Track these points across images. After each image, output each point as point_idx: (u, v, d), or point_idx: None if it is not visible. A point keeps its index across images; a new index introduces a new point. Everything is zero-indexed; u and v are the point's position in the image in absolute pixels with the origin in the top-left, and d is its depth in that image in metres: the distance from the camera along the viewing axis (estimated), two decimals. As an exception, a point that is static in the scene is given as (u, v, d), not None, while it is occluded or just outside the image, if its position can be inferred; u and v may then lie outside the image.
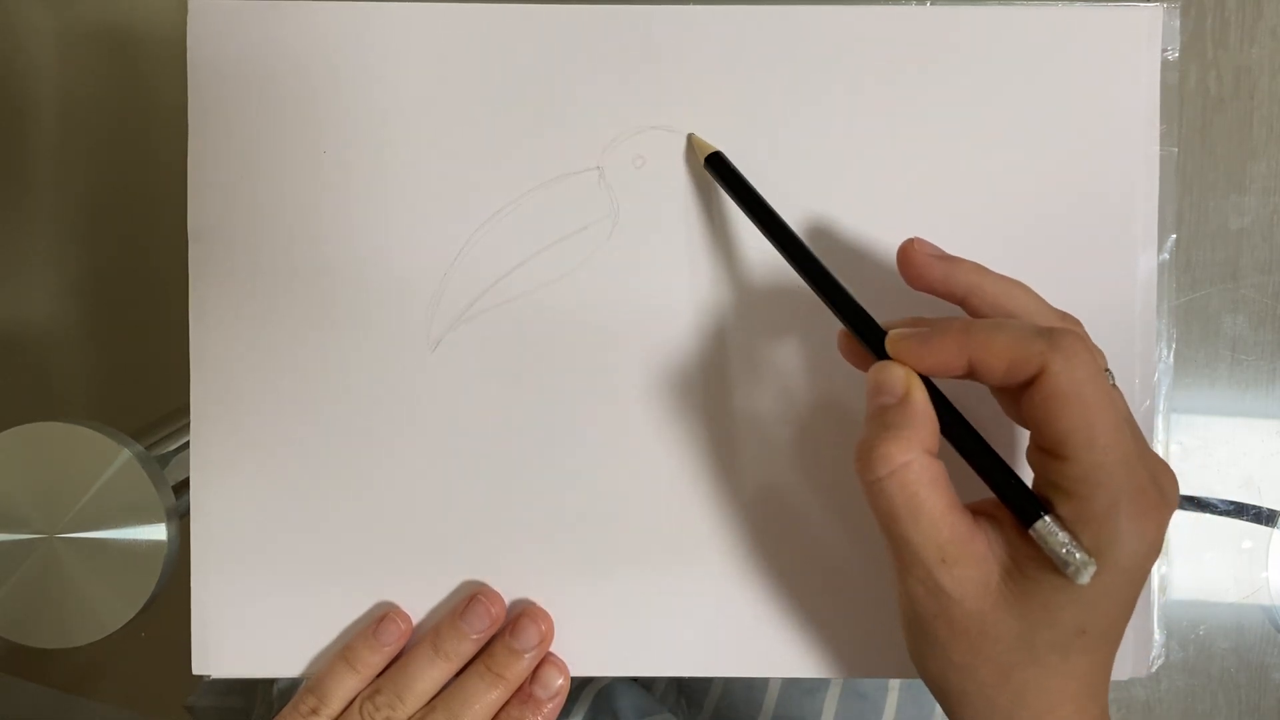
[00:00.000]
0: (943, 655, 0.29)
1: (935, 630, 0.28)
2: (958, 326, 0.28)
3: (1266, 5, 0.65)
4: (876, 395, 0.29)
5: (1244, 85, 0.65)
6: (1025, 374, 0.27)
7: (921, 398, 0.28)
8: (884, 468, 0.27)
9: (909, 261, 0.31)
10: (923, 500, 0.27)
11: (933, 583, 0.28)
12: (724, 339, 0.35)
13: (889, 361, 0.29)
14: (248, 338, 0.35)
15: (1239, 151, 0.67)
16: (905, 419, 0.28)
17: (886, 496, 0.27)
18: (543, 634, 0.35)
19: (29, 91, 0.59)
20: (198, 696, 0.50)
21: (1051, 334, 0.27)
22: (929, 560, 0.27)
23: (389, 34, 0.35)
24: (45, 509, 0.36)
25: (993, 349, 0.28)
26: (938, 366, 0.28)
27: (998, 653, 0.28)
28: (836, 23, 0.35)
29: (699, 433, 0.36)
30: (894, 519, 0.28)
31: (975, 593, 0.27)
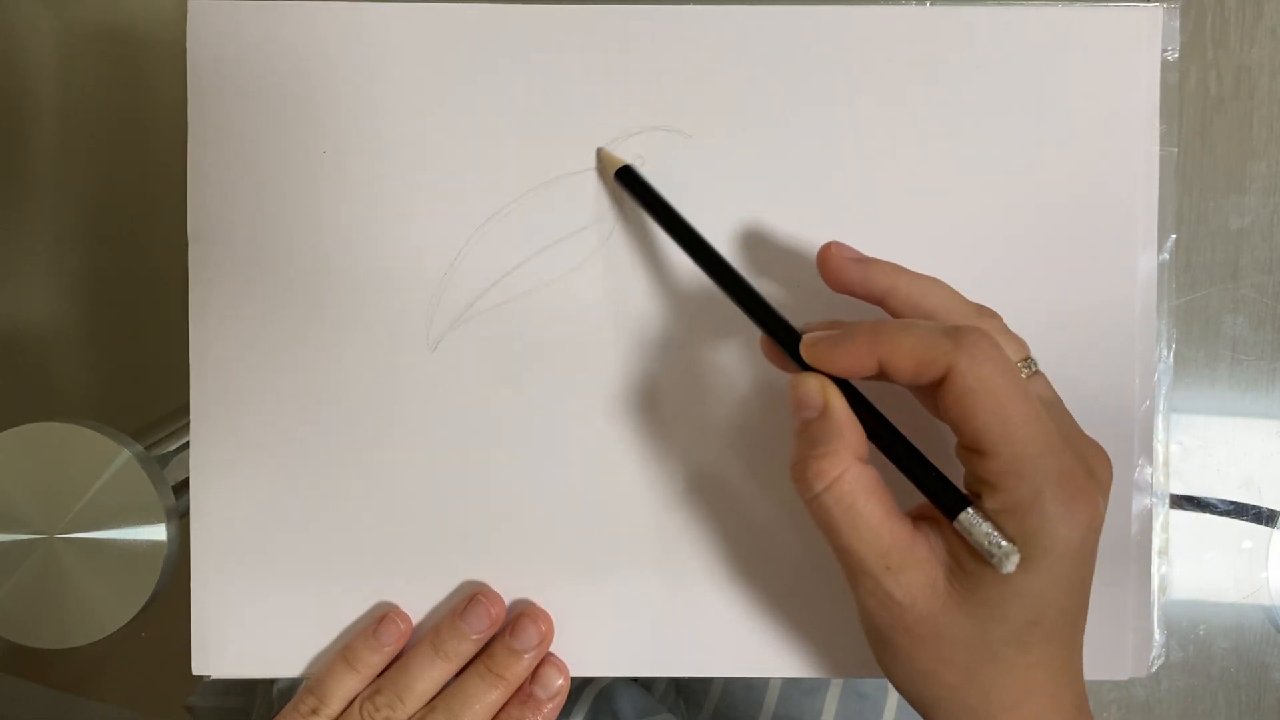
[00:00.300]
0: (907, 664, 0.29)
1: (895, 640, 0.29)
2: (867, 328, 0.29)
3: (1266, 5, 0.65)
4: (798, 410, 0.29)
5: (1244, 85, 0.65)
6: (933, 374, 0.28)
7: (841, 406, 0.29)
8: (819, 483, 0.28)
9: (827, 265, 0.32)
10: (860, 510, 0.28)
11: (882, 593, 0.28)
12: (724, 339, 0.35)
13: (804, 374, 0.29)
14: (248, 338, 0.35)
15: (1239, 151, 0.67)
16: (830, 432, 0.28)
17: (825, 510, 0.28)
18: (543, 634, 0.35)
19: (29, 91, 0.59)
20: (198, 696, 0.50)
21: (957, 332, 0.27)
22: (874, 569, 0.28)
23: (389, 34, 0.35)
24: (45, 509, 0.36)
25: (900, 350, 0.28)
26: (850, 369, 0.29)
27: (957, 654, 0.28)
28: (836, 23, 0.35)
29: (699, 432, 0.36)
30: (835, 532, 0.28)
31: (924, 597, 0.28)
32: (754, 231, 0.35)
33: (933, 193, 0.35)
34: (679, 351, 0.35)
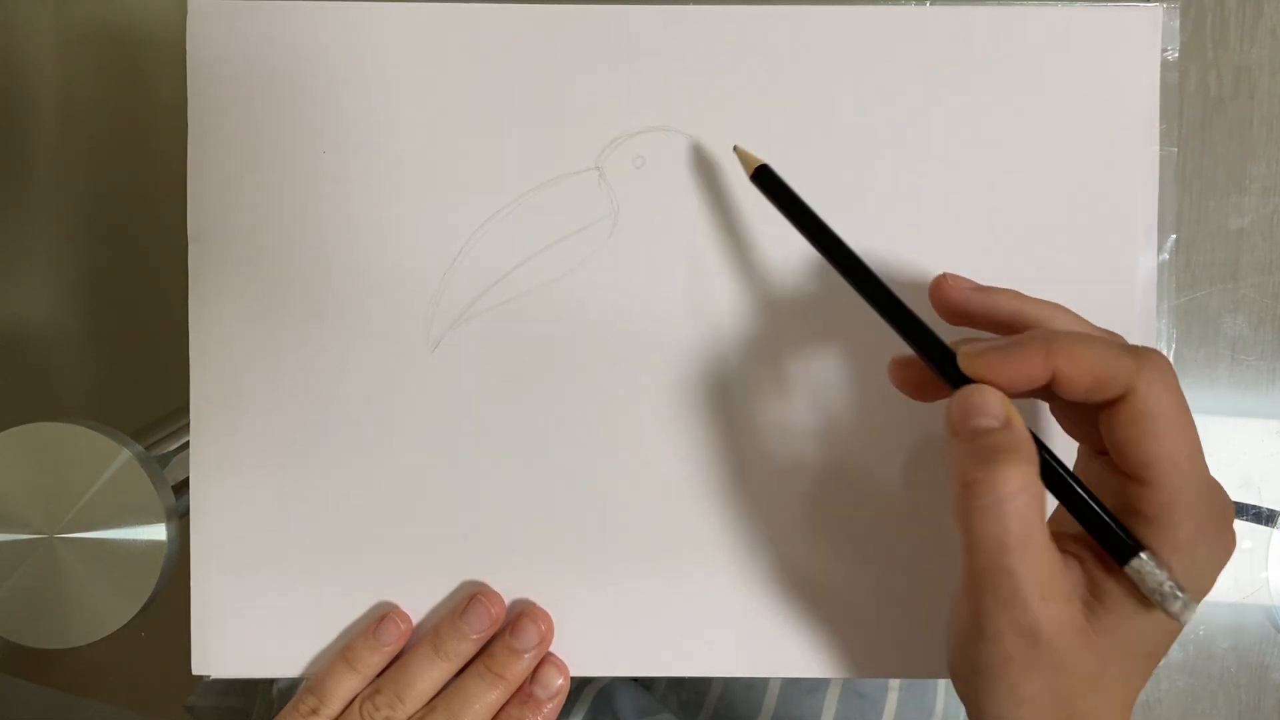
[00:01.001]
0: (1007, 692, 0.27)
1: (1007, 668, 0.27)
2: (1040, 337, 0.27)
3: (1266, 5, 0.65)
4: (971, 418, 0.27)
5: (1244, 85, 0.65)
6: (1111, 392, 0.26)
7: (1022, 422, 0.27)
8: (1005, 489, 0.25)
9: (944, 296, 0.30)
10: (1035, 531, 0.26)
11: (1028, 621, 0.26)
12: (724, 339, 0.35)
13: (981, 385, 0.27)
14: (248, 338, 0.35)
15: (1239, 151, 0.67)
16: (1015, 442, 0.26)
17: (1002, 523, 0.26)
18: (543, 634, 0.35)
19: (29, 91, 0.59)
20: (198, 696, 0.50)
21: (1140, 352, 0.26)
22: (1029, 597, 0.26)
23: (389, 34, 0.35)
24: (45, 509, 0.36)
25: (1079, 362, 0.26)
26: (1019, 380, 0.27)
27: (1067, 685, 0.27)
28: (837, 23, 0.35)
29: (698, 432, 0.36)
30: (1004, 549, 0.26)
31: (1061, 630, 0.26)
32: (754, 232, 0.35)
33: (933, 193, 0.35)
34: (679, 351, 0.35)
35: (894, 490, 0.35)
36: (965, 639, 0.28)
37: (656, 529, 0.36)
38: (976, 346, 0.28)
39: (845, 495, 0.36)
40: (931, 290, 0.31)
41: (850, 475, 0.35)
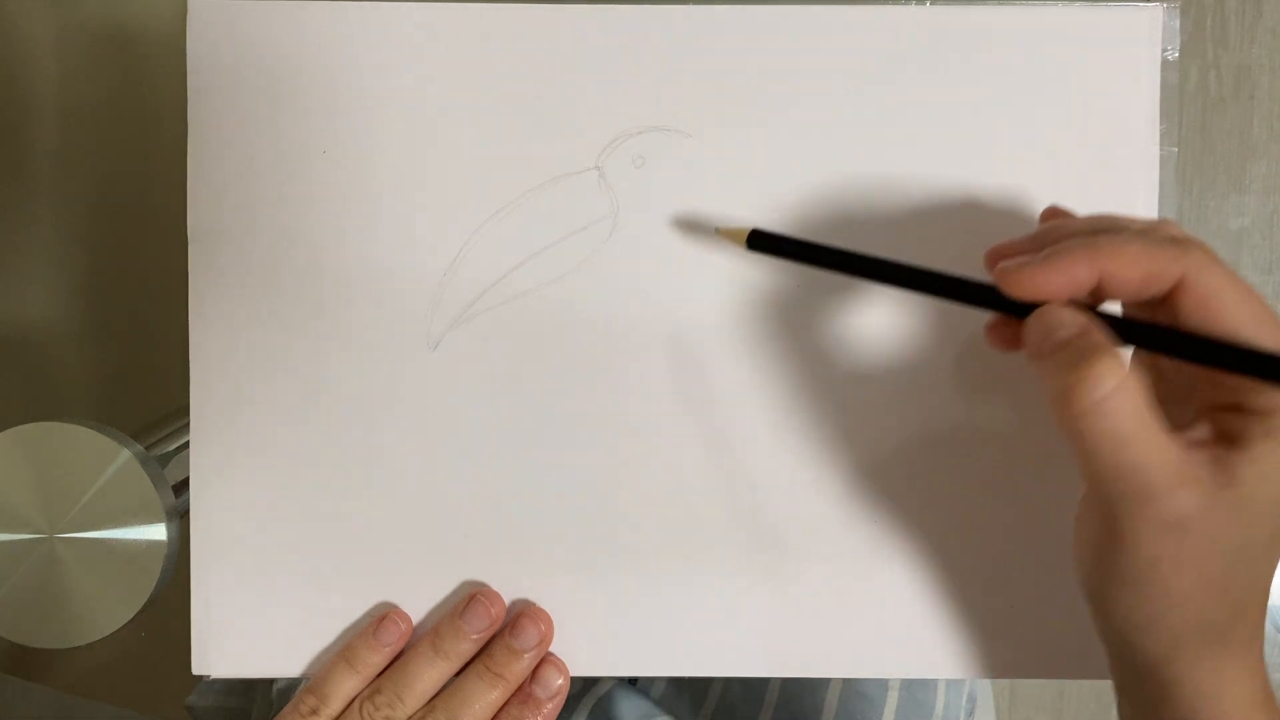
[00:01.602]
0: (1161, 594, 0.26)
1: (1158, 570, 0.26)
2: (1080, 243, 0.27)
3: (1266, 5, 0.65)
4: (1050, 334, 0.26)
5: (1244, 85, 0.65)
6: (1162, 285, 0.26)
7: (1097, 323, 0.26)
8: (1107, 384, 0.25)
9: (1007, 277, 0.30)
10: (1149, 419, 0.25)
11: (1170, 514, 0.25)
12: (724, 338, 0.35)
13: (1047, 306, 0.27)
14: (248, 337, 0.35)
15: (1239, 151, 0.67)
16: (1099, 342, 0.26)
17: (1113, 419, 0.25)
18: (542, 634, 0.35)
19: (29, 91, 0.59)
20: (198, 696, 0.50)
21: (1179, 241, 0.26)
22: (1161, 486, 0.25)
23: (389, 34, 0.35)
24: (45, 509, 0.36)
25: (1125, 260, 0.26)
26: (1065, 289, 0.27)
27: (1219, 571, 0.26)
28: (837, 23, 0.35)
29: (698, 432, 0.36)
30: (1125, 443, 0.25)
31: (1204, 515, 0.25)
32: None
33: (933, 193, 0.35)
34: (679, 351, 0.35)
35: (901, 488, 0.35)
36: (1102, 554, 0.27)
37: (656, 529, 0.36)
38: (1014, 261, 0.27)
39: (847, 494, 0.36)
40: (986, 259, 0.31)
41: (852, 474, 0.35)
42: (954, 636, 0.36)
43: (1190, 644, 0.27)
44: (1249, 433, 0.26)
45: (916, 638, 0.36)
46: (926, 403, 0.35)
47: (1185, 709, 0.28)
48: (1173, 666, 0.28)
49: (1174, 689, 0.28)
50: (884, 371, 0.35)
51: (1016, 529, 0.35)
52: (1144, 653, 0.28)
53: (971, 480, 0.35)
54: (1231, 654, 0.28)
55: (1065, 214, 0.31)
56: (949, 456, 0.35)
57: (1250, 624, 0.28)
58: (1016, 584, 0.36)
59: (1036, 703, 0.90)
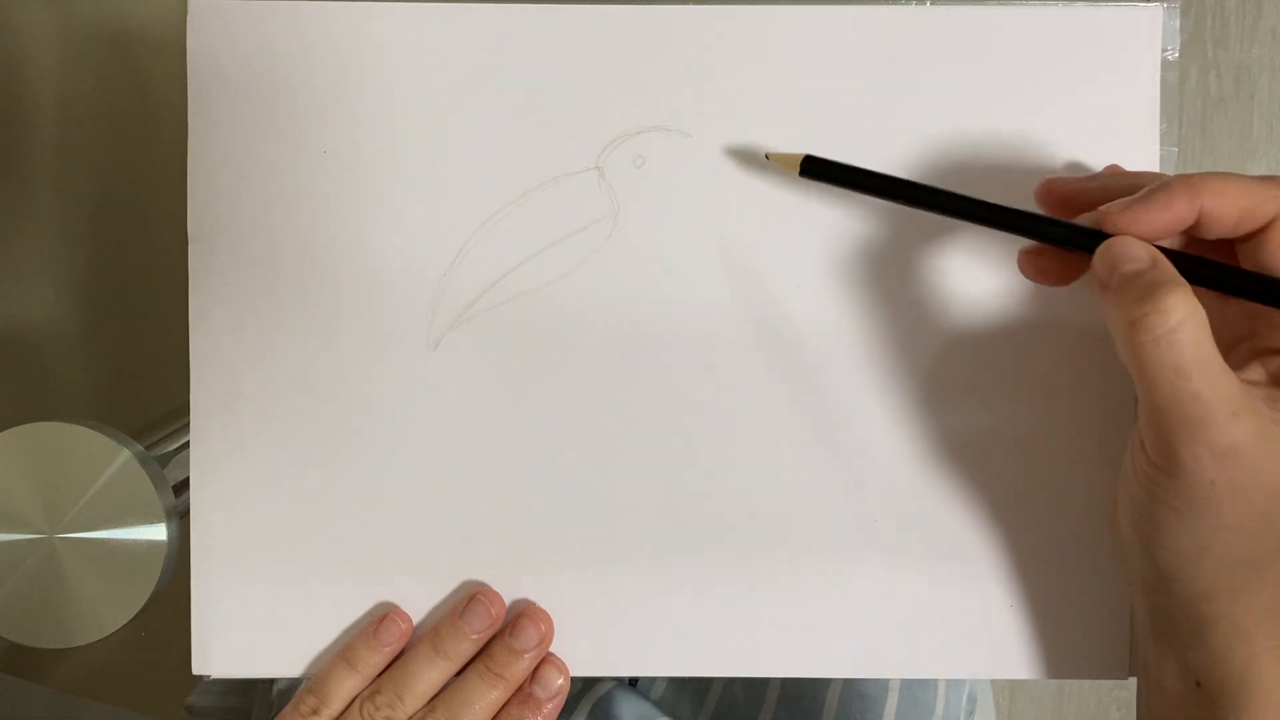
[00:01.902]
0: (1212, 520, 0.28)
1: (1211, 495, 0.27)
2: (1180, 181, 0.28)
3: (1266, 5, 0.65)
4: (1118, 266, 0.28)
5: (1244, 85, 0.65)
6: (1258, 221, 0.27)
7: (1165, 258, 0.28)
8: (1175, 316, 0.26)
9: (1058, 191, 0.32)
10: (1211, 352, 0.26)
11: (1225, 441, 0.26)
12: (724, 338, 0.35)
13: (1120, 236, 0.28)
14: (248, 338, 0.35)
15: (1239, 151, 0.67)
16: (1169, 275, 0.27)
17: (1178, 350, 0.26)
18: (543, 634, 0.35)
19: (29, 91, 0.59)
20: (197, 696, 0.50)
21: (1275, 180, 0.28)
22: (1221, 416, 0.26)
23: (389, 34, 0.35)
24: (45, 509, 0.36)
25: (1225, 196, 0.27)
26: (1168, 225, 0.28)
27: (1263, 504, 0.27)
28: (836, 22, 0.35)
29: (699, 432, 0.36)
30: (1185, 375, 0.26)
31: (1258, 445, 0.27)
32: (754, 230, 0.35)
33: (933, 193, 0.35)
34: (679, 351, 0.35)
35: (902, 490, 0.35)
36: (1154, 484, 0.28)
37: (657, 528, 0.36)
38: (1119, 203, 0.29)
39: (847, 495, 0.36)
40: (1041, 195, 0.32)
41: (852, 475, 0.35)
42: (954, 636, 0.36)
43: (1231, 577, 0.28)
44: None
45: (916, 638, 0.36)
46: (931, 406, 0.35)
47: (1220, 647, 0.29)
48: (1211, 602, 0.29)
49: (1209, 627, 0.29)
50: (887, 374, 0.35)
51: (1017, 529, 0.35)
52: (1186, 585, 0.29)
53: (973, 481, 0.35)
54: (1266, 594, 0.29)
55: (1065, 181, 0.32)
56: (950, 458, 0.35)
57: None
58: (1017, 584, 0.36)
59: (1036, 703, 0.90)
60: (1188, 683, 0.30)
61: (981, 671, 0.36)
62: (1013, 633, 0.36)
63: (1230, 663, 0.29)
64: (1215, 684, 0.30)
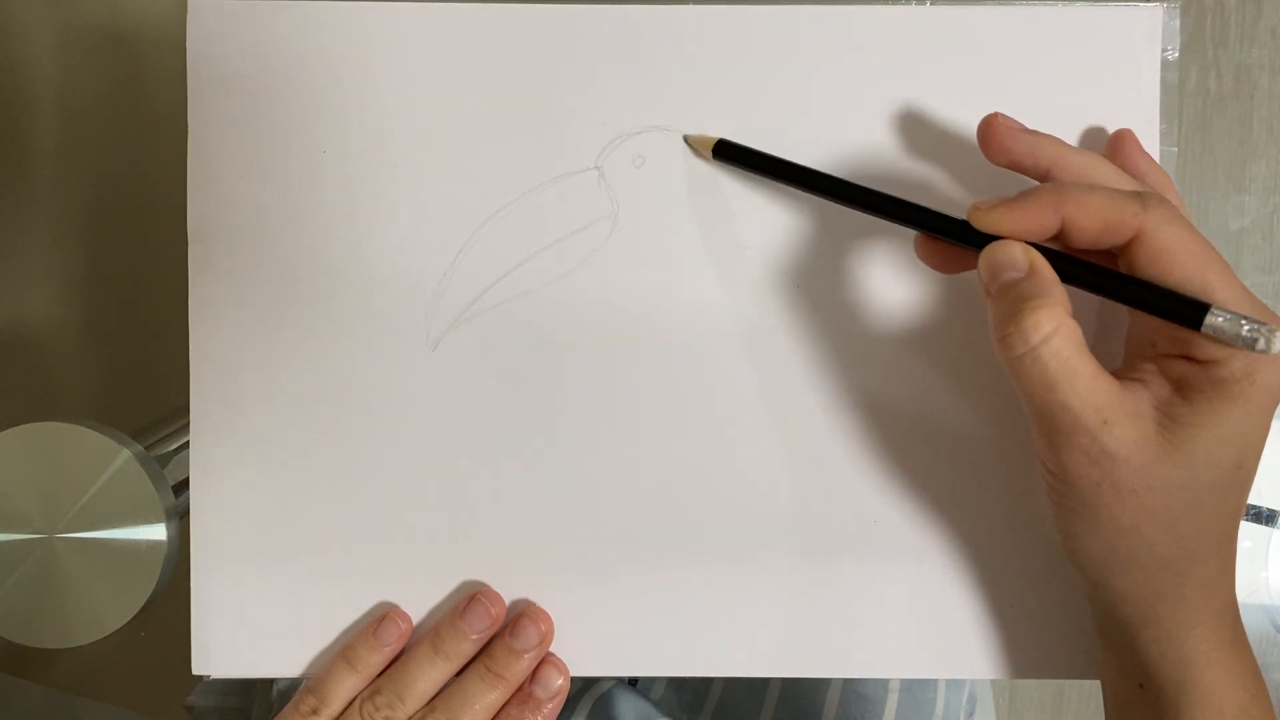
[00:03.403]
0: (1107, 522, 0.29)
1: (1099, 498, 0.28)
2: (1049, 189, 0.29)
3: (1266, 5, 0.65)
4: (998, 273, 0.29)
5: (1244, 85, 0.65)
6: (1120, 236, 0.28)
7: (1046, 265, 0.28)
8: (1035, 336, 0.27)
9: (993, 134, 0.32)
10: (1078, 364, 0.27)
11: (1096, 448, 0.28)
12: (723, 338, 0.35)
13: (1003, 240, 0.29)
14: (248, 337, 0.35)
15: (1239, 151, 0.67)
16: (1041, 287, 0.28)
17: (1041, 365, 0.27)
18: (543, 634, 0.35)
19: (29, 91, 0.60)
20: (197, 696, 0.50)
21: (1143, 196, 0.28)
22: (1091, 424, 0.27)
23: (389, 34, 0.35)
24: (45, 509, 0.36)
25: (1087, 209, 0.28)
26: (1032, 229, 0.29)
27: (1164, 506, 0.28)
28: (836, 23, 0.35)
29: (699, 432, 0.36)
30: (1051, 387, 0.27)
31: (1138, 449, 0.28)
32: (754, 230, 0.35)
33: (932, 193, 0.35)
34: (678, 350, 0.35)
35: (901, 489, 0.35)
36: (1055, 493, 0.30)
37: (657, 529, 0.36)
38: (990, 201, 0.29)
39: (847, 495, 0.36)
40: (981, 129, 0.32)
41: (852, 475, 0.35)
42: (954, 636, 0.36)
43: (1149, 580, 0.29)
44: (1194, 380, 0.28)
45: (916, 638, 0.36)
46: (929, 404, 0.35)
47: (1154, 651, 0.30)
48: (1137, 606, 0.30)
49: (1141, 630, 0.30)
50: (887, 373, 0.35)
51: (1017, 529, 0.35)
52: (1108, 590, 0.30)
53: (971, 480, 0.35)
54: (1192, 596, 0.30)
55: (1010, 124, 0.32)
56: (950, 458, 0.35)
57: (1210, 568, 0.30)
58: (1017, 584, 0.36)
59: (1036, 703, 0.90)
60: (1131, 685, 0.31)
61: (981, 671, 0.36)
62: (1012, 633, 0.36)
63: (1166, 666, 0.30)
64: (1155, 687, 0.30)
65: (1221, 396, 0.27)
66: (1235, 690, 0.30)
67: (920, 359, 0.35)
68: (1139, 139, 0.34)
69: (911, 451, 0.35)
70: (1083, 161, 0.31)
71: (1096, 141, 0.35)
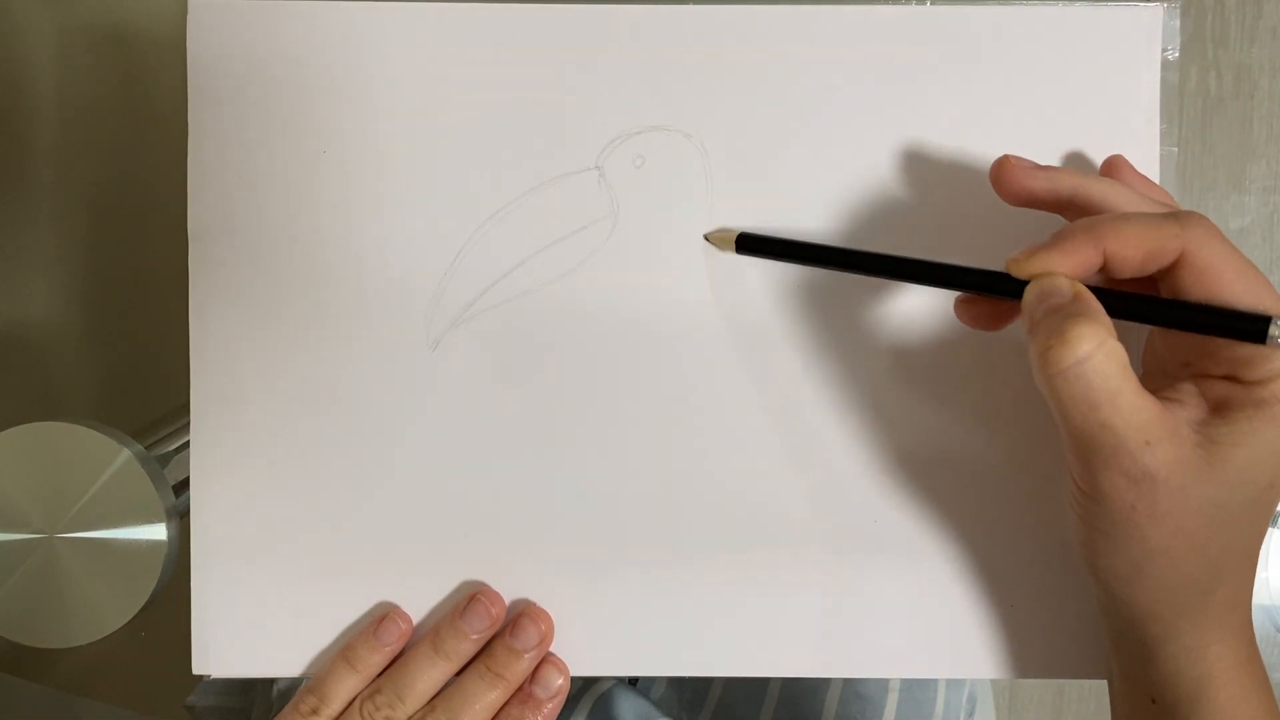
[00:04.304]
0: (1139, 544, 0.28)
1: (1133, 520, 0.28)
2: (1082, 226, 0.29)
3: (1266, 5, 0.65)
4: (1042, 301, 0.28)
5: (1244, 85, 0.65)
6: (1164, 260, 0.28)
7: (1089, 294, 0.28)
8: (1082, 349, 0.26)
9: (1007, 176, 0.31)
10: (1122, 383, 0.27)
11: (1138, 470, 0.27)
12: (723, 338, 0.35)
13: (1046, 273, 0.29)
14: (248, 337, 0.35)
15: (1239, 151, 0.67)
16: (1084, 309, 0.27)
17: (1084, 383, 0.27)
18: (543, 634, 0.35)
19: (29, 91, 0.59)
20: (197, 696, 0.50)
21: (1179, 217, 0.28)
22: (1133, 444, 0.27)
23: (389, 34, 0.35)
24: (45, 509, 0.36)
25: (1128, 239, 0.28)
26: (1074, 268, 0.28)
27: (1196, 526, 0.28)
28: (836, 22, 0.35)
29: (699, 432, 0.36)
30: (1094, 406, 0.27)
31: (1178, 470, 0.27)
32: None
33: (932, 193, 0.35)
34: (678, 350, 0.35)
35: (901, 490, 0.35)
36: (1085, 508, 0.29)
37: (657, 529, 0.36)
38: (1024, 251, 0.29)
39: (847, 496, 0.36)
40: (994, 171, 0.32)
41: (852, 476, 0.35)
42: (955, 636, 0.36)
43: (1173, 599, 0.29)
44: (1234, 400, 0.28)
45: (916, 638, 0.36)
46: (931, 406, 0.35)
47: (1170, 667, 0.30)
48: (1158, 623, 0.30)
49: (1159, 646, 0.30)
50: (888, 372, 0.35)
51: (1018, 528, 0.35)
52: (1130, 607, 0.30)
53: (972, 480, 0.35)
54: (1214, 614, 0.29)
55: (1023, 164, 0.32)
56: (950, 457, 0.35)
57: (1233, 587, 0.30)
58: (1017, 583, 0.36)
59: (1036, 703, 0.90)
60: (1144, 699, 0.31)
61: (981, 671, 0.36)
62: (1012, 633, 0.36)
63: (1182, 682, 0.30)
64: (1169, 703, 0.30)
65: (1262, 416, 0.27)
66: (1249, 708, 0.30)
67: (922, 359, 0.35)
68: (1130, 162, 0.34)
69: (912, 452, 0.35)
70: (1102, 188, 0.31)
71: (1097, 141, 0.35)
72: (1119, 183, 0.31)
